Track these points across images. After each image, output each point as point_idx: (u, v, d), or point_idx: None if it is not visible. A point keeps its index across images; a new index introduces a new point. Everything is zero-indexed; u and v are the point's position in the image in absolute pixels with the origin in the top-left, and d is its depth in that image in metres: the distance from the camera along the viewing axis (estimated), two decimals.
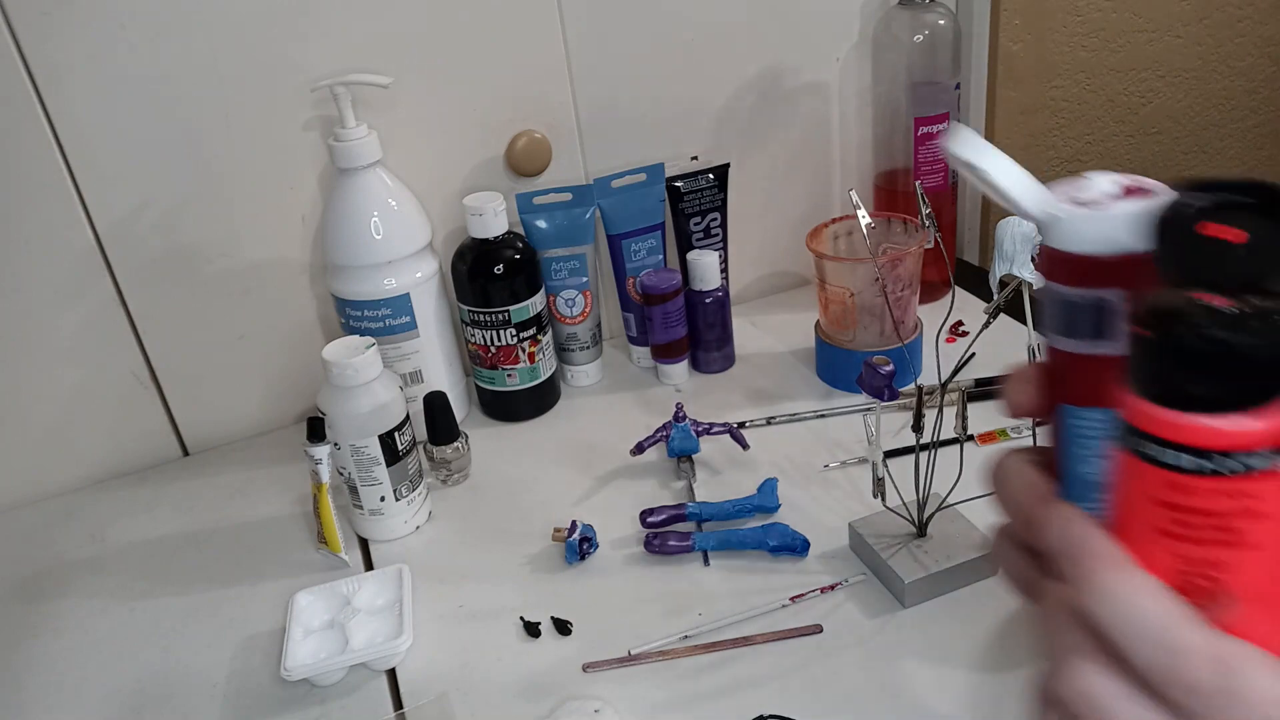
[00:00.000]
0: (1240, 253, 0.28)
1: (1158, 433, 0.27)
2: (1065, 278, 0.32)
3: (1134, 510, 0.28)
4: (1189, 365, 0.26)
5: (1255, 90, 1.26)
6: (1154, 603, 0.27)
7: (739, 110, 1.02)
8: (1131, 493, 0.28)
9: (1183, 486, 0.27)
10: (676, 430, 0.84)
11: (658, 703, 0.63)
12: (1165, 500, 0.27)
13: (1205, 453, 0.26)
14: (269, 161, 0.88)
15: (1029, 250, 0.88)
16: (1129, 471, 0.28)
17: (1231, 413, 0.26)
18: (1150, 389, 0.27)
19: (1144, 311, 0.27)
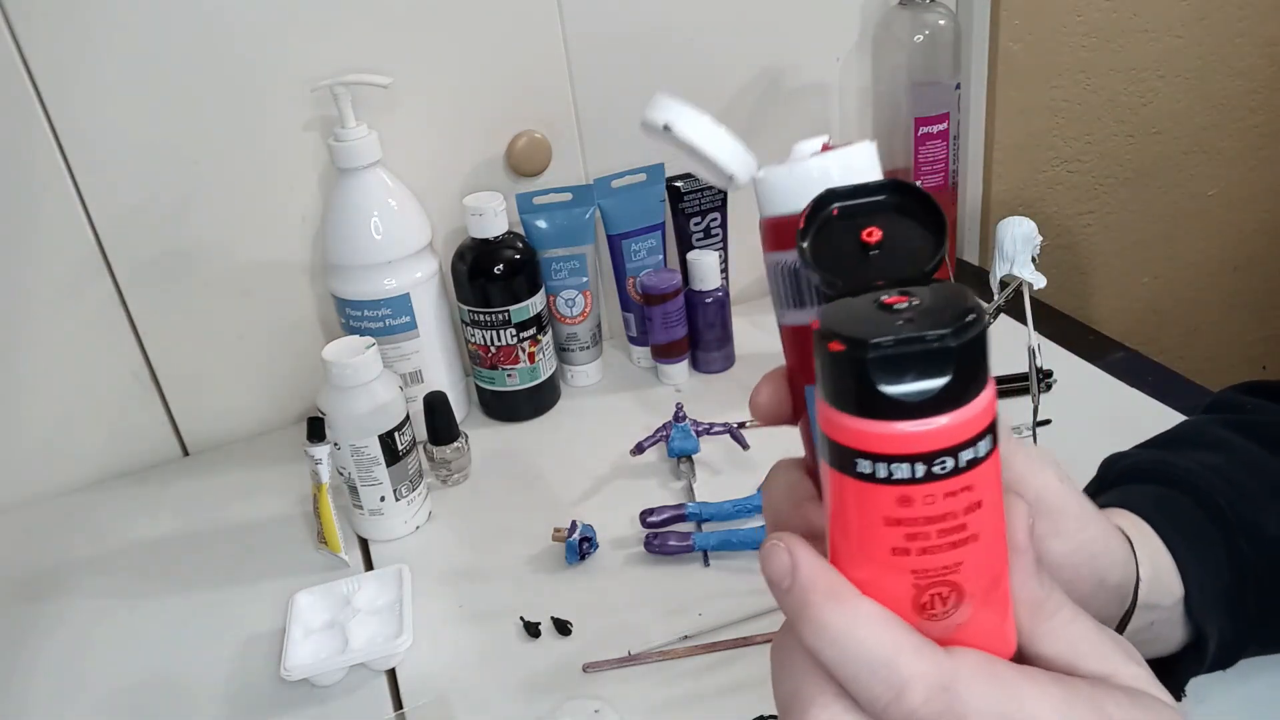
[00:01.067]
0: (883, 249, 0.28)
1: (883, 449, 0.25)
2: (774, 243, 0.32)
3: (863, 535, 0.27)
4: (901, 372, 0.25)
5: (1255, 90, 1.26)
6: (873, 633, 0.26)
7: (739, 110, 1.02)
8: (858, 518, 0.27)
9: (913, 498, 0.26)
10: (676, 430, 0.84)
11: (658, 703, 0.63)
12: (896, 517, 0.26)
13: (932, 455, 0.25)
14: (269, 161, 0.88)
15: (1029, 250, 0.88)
16: (853, 497, 0.26)
17: (947, 411, 0.25)
18: (860, 405, 0.25)
19: (829, 326, 0.26)
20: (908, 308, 0.26)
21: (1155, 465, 0.50)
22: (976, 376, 0.26)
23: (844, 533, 0.27)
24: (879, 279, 0.28)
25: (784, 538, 0.28)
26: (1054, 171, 1.21)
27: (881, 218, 0.29)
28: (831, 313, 0.26)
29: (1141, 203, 1.28)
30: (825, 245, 0.29)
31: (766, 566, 0.28)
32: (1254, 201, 1.34)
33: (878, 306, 0.26)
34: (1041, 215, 1.21)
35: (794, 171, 0.31)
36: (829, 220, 0.29)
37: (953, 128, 1.02)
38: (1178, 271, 1.36)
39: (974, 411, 0.25)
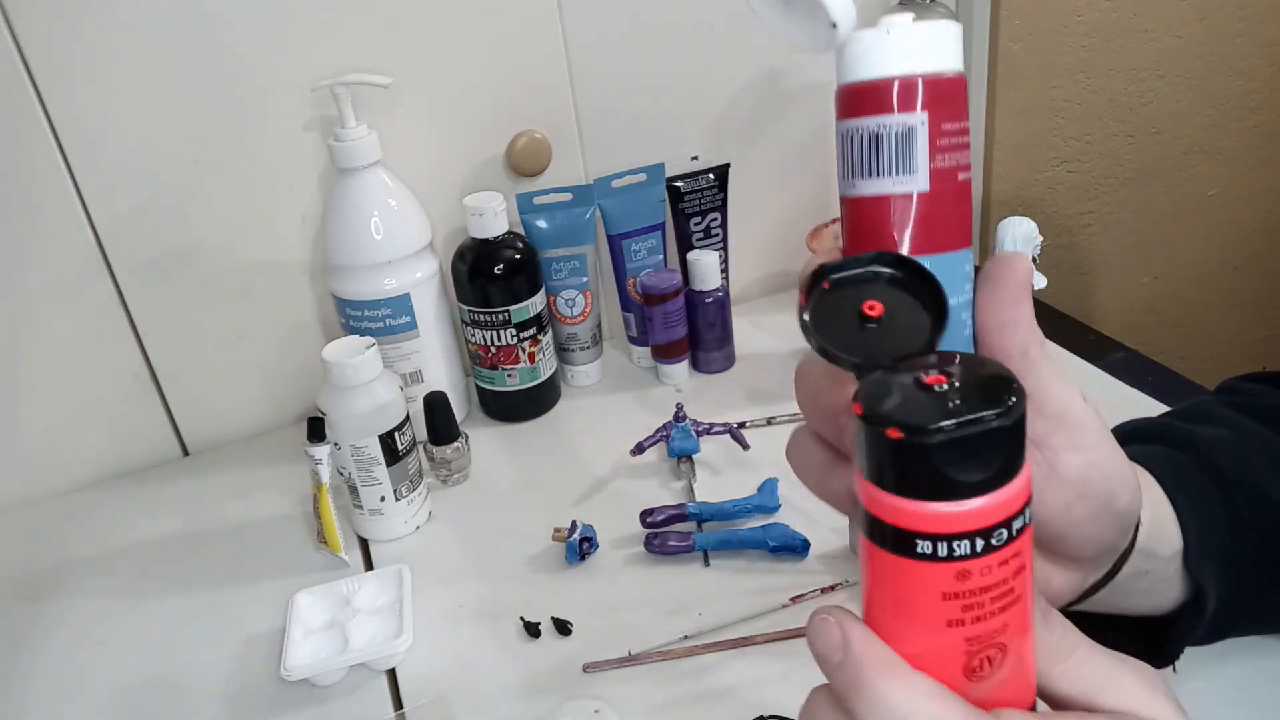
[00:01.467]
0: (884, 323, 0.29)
1: (943, 529, 0.26)
2: (849, 110, 0.31)
3: (917, 611, 0.27)
4: (964, 455, 0.25)
5: (1255, 90, 1.26)
6: (930, 708, 0.27)
7: (739, 110, 1.02)
8: (914, 595, 0.27)
9: (971, 571, 0.26)
10: (676, 430, 0.84)
11: (658, 703, 0.63)
12: (954, 591, 0.26)
13: (986, 531, 0.26)
14: (269, 161, 0.88)
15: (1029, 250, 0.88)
16: (910, 578, 0.27)
17: (1006, 481, 0.26)
18: (921, 488, 0.26)
19: (880, 411, 0.26)
20: (950, 388, 0.26)
21: (1160, 428, 0.50)
22: (1023, 447, 0.26)
23: (894, 608, 0.28)
24: (889, 353, 0.28)
25: (832, 611, 0.29)
26: (1054, 171, 1.21)
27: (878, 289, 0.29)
28: (873, 396, 0.26)
29: (1141, 203, 1.28)
30: (827, 318, 0.29)
31: (815, 640, 0.29)
32: (1254, 201, 1.34)
33: (918, 387, 0.26)
34: (1041, 215, 1.22)
35: (878, 39, 0.30)
36: (824, 294, 0.29)
37: None
38: (1178, 271, 1.36)
39: (1023, 480, 0.26)
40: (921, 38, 0.30)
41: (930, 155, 0.30)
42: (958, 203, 0.31)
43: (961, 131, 0.31)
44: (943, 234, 0.31)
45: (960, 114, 0.31)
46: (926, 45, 0.30)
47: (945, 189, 0.31)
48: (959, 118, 0.31)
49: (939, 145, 0.31)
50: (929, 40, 0.30)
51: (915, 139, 0.30)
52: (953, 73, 0.30)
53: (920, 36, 0.30)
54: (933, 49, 0.30)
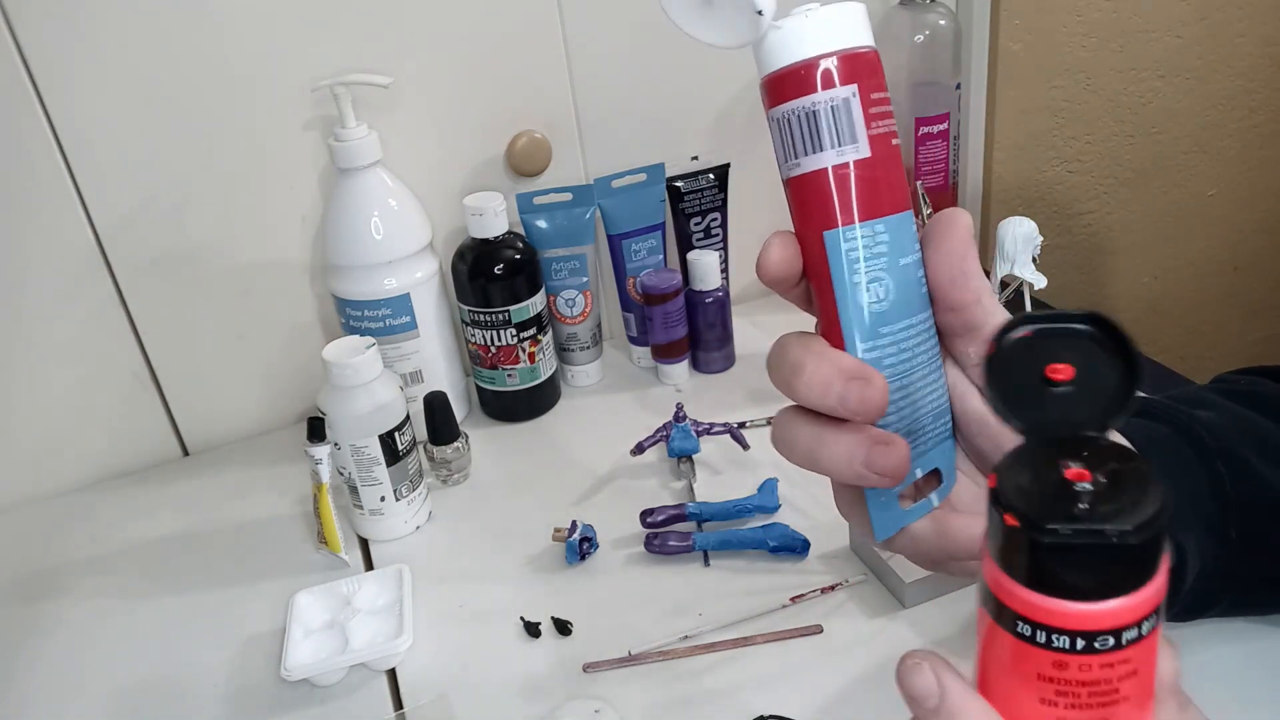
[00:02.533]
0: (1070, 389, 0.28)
1: (1045, 620, 0.26)
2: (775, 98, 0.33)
3: (1014, 682, 0.28)
4: (1071, 563, 0.25)
5: (1255, 90, 1.26)
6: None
7: (739, 110, 1.02)
8: (1011, 668, 0.28)
9: (1069, 664, 0.26)
10: (676, 430, 0.84)
11: (658, 703, 0.63)
12: (1050, 676, 0.27)
13: (1089, 634, 0.26)
14: (269, 161, 0.88)
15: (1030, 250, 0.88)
16: (1009, 650, 0.27)
17: (1120, 595, 0.26)
18: (1029, 577, 0.26)
19: (1008, 495, 0.26)
20: (1091, 489, 0.26)
21: (1143, 403, 0.51)
22: (1150, 566, 0.26)
23: (994, 673, 0.28)
24: (1061, 422, 0.28)
25: (927, 657, 0.29)
26: (1054, 171, 1.21)
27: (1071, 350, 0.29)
28: (1010, 471, 0.26)
29: (1141, 203, 1.28)
30: (1010, 368, 0.29)
31: (908, 683, 0.29)
32: (1254, 201, 1.34)
33: (1057, 476, 0.26)
34: (1041, 215, 1.21)
35: (798, 24, 0.32)
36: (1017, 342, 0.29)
37: (953, 128, 1.02)
38: (1178, 271, 1.36)
39: (1142, 598, 0.26)
40: (837, 18, 0.32)
41: (866, 123, 0.32)
42: (895, 165, 0.33)
43: (885, 100, 0.33)
44: (888, 196, 0.33)
45: (881, 85, 0.33)
46: (843, 25, 0.32)
47: (883, 153, 0.33)
48: (881, 88, 0.33)
49: (871, 114, 0.33)
50: (844, 20, 0.32)
51: (851, 109, 0.32)
52: (868, 48, 0.33)
53: (836, 17, 0.32)
54: (848, 28, 0.32)
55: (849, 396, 0.33)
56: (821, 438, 0.34)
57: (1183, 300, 1.38)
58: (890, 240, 0.33)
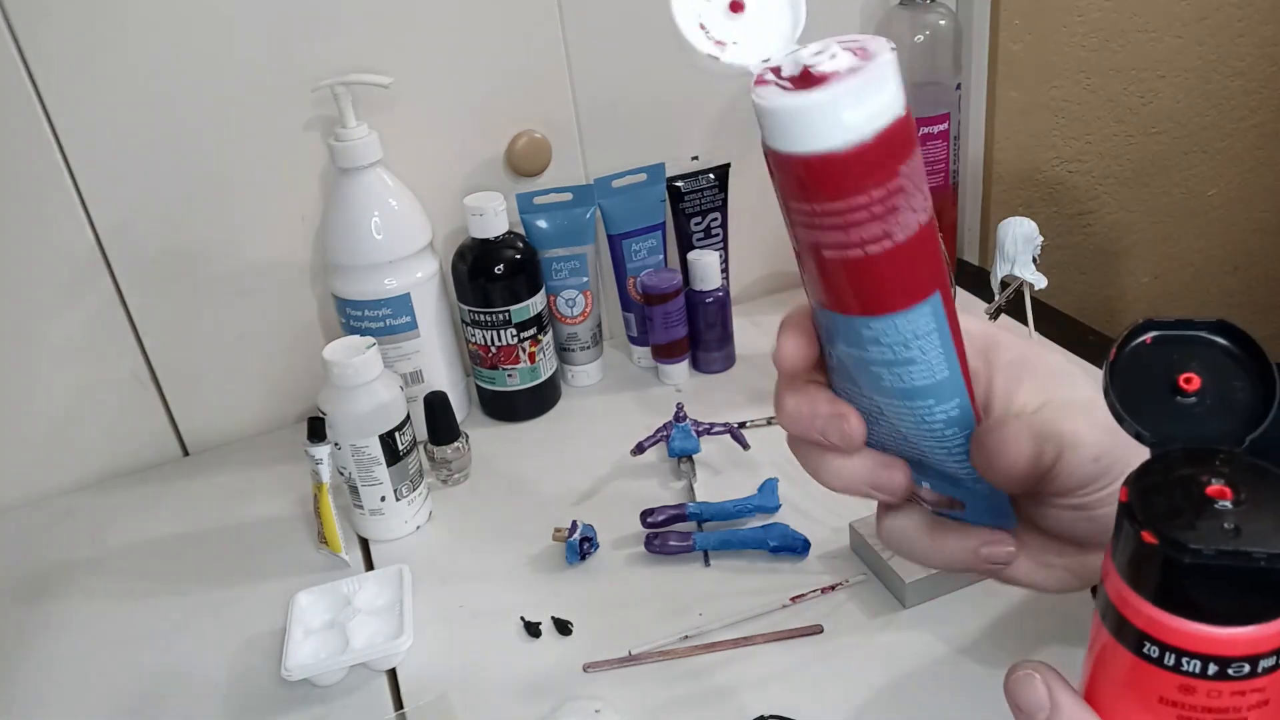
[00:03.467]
0: (1200, 399, 0.27)
1: (1173, 642, 0.25)
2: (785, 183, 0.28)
3: (1130, 703, 0.27)
4: (1212, 586, 0.24)
5: (1255, 90, 1.26)
6: None
7: (739, 110, 1.02)
8: (1129, 688, 0.27)
9: (1196, 689, 0.25)
10: (677, 430, 0.84)
11: (658, 703, 0.63)
12: (1173, 700, 0.26)
13: (1222, 659, 0.25)
14: (269, 161, 0.88)
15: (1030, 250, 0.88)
16: (1130, 669, 0.26)
17: (1260, 622, 0.24)
18: (1162, 598, 0.25)
19: (1145, 513, 0.25)
20: (1233, 508, 0.25)
21: None
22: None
23: (1111, 689, 0.27)
24: (1193, 435, 0.26)
25: (1039, 669, 0.29)
26: (1054, 171, 1.21)
27: (1198, 360, 0.28)
28: (1145, 486, 0.25)
29: (1141, 203, 1.28)
30: (1135, 377, 0.28)
31: (1017, 694, 0.29)
32: (1254, 201, 1.34)
33: (1197, 492, 0.25)
34: (1041, 215, 1.21)
35: (802, 103, 0.26)
36: (1142, 348, 0.28)
37: (953, 128, 1.02)
38: (1178, 271, 1.36)
39: (1273, 629, 0.25)
40: (827, 105, 0.26)
41: None
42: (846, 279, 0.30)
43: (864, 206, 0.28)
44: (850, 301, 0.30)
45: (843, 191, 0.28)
46: (837, 115, 0.27)
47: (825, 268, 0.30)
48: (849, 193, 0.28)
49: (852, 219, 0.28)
50: (840, 107, 0.27)
51: None
52: None
53: (827, 103, 0.26)
54: (847, 117, 0.27)
55: (829, 432, 0.35)
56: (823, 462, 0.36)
57: (1183, 300, 1.38)
58: (826, 324, 0.32)
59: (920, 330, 0.29)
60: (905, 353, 0.30)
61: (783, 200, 0.29)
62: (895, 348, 0.29)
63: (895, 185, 0.27)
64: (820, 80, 0.26)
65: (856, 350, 0.30)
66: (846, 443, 0.35)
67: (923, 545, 0.37)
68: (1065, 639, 0.62)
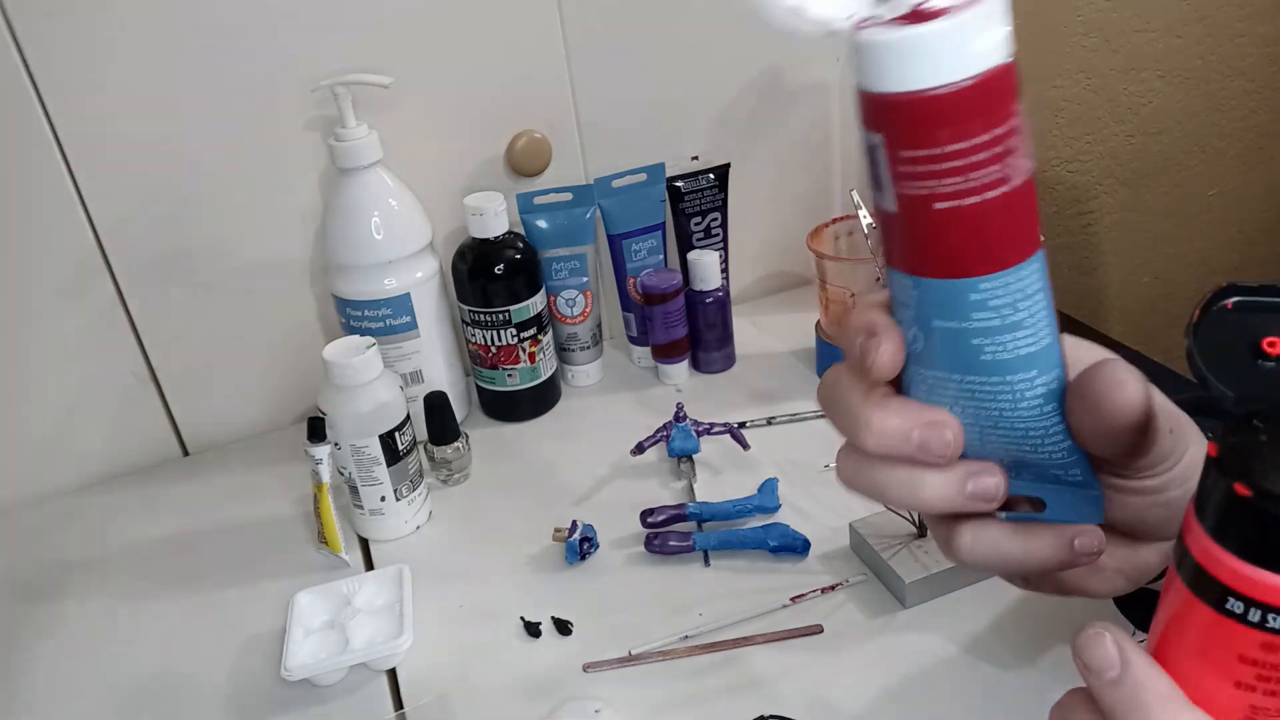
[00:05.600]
0: None
1: (1260, 597, 0.25)
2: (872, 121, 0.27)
3: (1206, 661, 0.27)
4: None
5: (1255, 90, 1.26)
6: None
7: (739, 110, 1.02)
8: (1207, 645, 0.26)
9: (1277, 647, 0.25)
10: (677, 430, 0.84)
11: (658, 703, 0.63)
12: (1254, 658, 0.26)
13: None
14: (269, 161, 0.88)
15: None
16: (1209, 626, 0.26)
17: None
18: (1252, 551, 0.25)
19: (1235, 461, 0.25)
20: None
21: None
22: None
23: (1184, 648, 0.27)
24: (1273, 397, 0.26)
25: (1108, 629, 0.28)
26: (1054, 171, 1.21)
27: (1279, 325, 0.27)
28: (1234, 440, 0.25)
29: (1141, 203, 1.28)
30: (1218, 341, 0.27)
31: (1087, 652, 0.28)
32: (1254, 201, 1.34)
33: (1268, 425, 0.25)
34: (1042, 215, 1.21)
35: (905, 37, 0.25)
36: (1224, 314, 0.28)
37: None
38: (1178, 271, 1.36)
39: None
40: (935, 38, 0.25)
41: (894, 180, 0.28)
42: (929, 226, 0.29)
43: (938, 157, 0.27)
44: (916, 257, 0.29)
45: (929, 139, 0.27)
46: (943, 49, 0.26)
47: (911, 210, 0.28)
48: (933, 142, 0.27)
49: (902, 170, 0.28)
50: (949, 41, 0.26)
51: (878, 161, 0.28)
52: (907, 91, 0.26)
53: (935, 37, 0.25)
54: (953, 51, 0.26)
55: (930, 443, 0.32)
56: (918, 480, 0.34)
57: (1183, 300, 1.38)
58: (920, 298, 0.30)
59: (1030, 288, 0.29)
60: (1013, 315, 0.29)
61: (890, 153, 0.27)
62: (1004, 311, 0.28)
63: (1014, 124, 0.26)
64: (938, 14, 0.25)
65: (957, 322, 0.29)
66: (947, 453, 0.32)
67: (1013, 550, 0.35)
68: (1065, 638, 0.62)
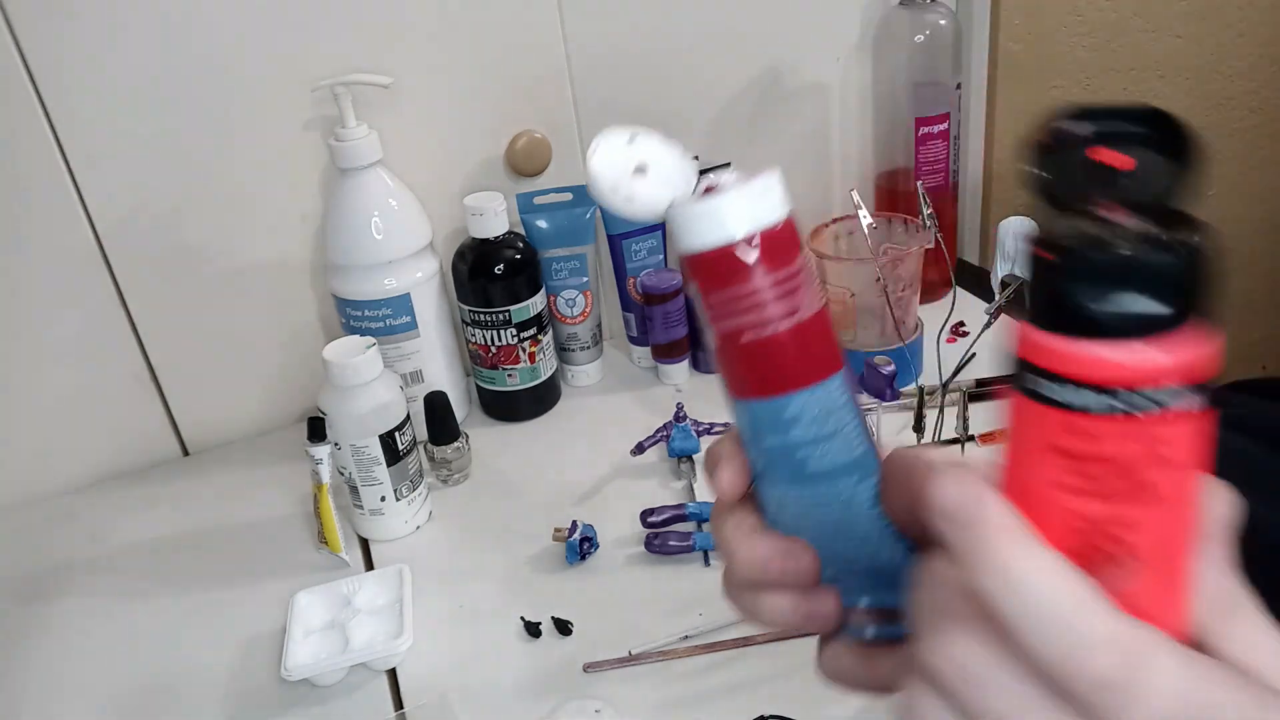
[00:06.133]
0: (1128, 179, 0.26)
1: (1057, 368, 0.23)
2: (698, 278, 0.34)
3: (1027, 461, 0.25)
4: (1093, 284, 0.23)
5: (1255, 90, 1.26)
6: (1057, 584, 0.24)
7: (739, 110, 1.02)
8: (1025, 441, 0.25)
9: (1086, 431, 0.23)
10: (677, 430, 0.84)
11: (658, 703, 0.63)
12: (1065, 448, 0.24)
13: (1112, 389, 0.23)
14: (269, 161, 0.88)
15: None
16: (1023, 416, 0.24)
17: (1140, 341, 0.23)
18: (1049, 318, 0.23)
19: (1045, 233, 0.24)
20: (1127, 228, 0.23)
21: None
22: (1187, 312, 0.23)
23: (1010, 457, 0.25)
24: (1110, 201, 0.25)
25: (969, 470, 0.26)
26: None
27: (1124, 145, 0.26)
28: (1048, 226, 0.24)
29: None
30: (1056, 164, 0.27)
31: (942, 494, 0.26)
32: (1254, 201, 1.34)
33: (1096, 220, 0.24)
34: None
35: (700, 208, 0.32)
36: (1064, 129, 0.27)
37: (953, 128, 1.02)
38: None
39: (1170, 354, 0.23)
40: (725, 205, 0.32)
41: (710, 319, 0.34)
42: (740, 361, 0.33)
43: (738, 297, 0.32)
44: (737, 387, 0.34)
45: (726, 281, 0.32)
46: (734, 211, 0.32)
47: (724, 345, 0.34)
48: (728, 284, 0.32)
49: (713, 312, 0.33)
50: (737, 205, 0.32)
51: None
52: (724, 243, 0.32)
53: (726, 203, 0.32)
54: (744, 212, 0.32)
55: (788, 571, 0.34)
56: (778, 604, 0.36)
57: None
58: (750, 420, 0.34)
59: (837, 401, 0.33)
60: (826, 426, 0.33)
61: (704, 300, 0.33)
62: (819, 421, 0.33)
63: (799, 266, 0.32)
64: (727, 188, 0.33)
65: (780, 437, 0.33)
66: (804, 580, 0.34)
67: (859, 671, 0.36)
68: None
